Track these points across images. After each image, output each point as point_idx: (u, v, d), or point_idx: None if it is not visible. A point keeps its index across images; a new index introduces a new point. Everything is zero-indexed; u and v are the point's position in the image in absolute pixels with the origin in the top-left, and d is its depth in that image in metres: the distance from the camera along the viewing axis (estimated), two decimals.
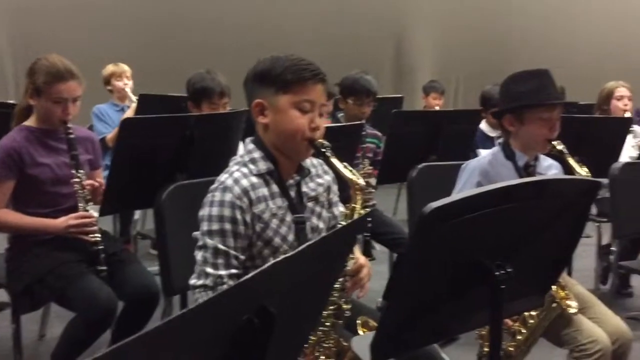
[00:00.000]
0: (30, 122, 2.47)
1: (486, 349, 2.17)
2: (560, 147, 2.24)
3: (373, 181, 3.33)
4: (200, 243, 1.66)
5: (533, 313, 2.09)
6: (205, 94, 2.97)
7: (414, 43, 8.28)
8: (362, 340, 1.36)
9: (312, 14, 7.56)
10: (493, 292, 1.27)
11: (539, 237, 1.37)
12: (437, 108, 5.85)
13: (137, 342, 0.61)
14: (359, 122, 3.24)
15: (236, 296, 0.71)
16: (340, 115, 3.53)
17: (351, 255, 1.68)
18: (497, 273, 1.26)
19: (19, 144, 2.38)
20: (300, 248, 0.80)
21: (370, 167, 3.38)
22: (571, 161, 2.22)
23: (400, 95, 6.17)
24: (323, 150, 1.67)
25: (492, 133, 3.84)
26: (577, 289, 2.25)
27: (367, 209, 3.08)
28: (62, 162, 2.42)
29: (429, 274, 1.24)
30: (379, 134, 3.54)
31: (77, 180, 2.37)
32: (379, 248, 3.68)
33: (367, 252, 3.27)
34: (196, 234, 1.68)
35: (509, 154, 2.28)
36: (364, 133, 3.32)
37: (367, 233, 3.25)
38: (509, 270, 1.27)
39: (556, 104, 2.22)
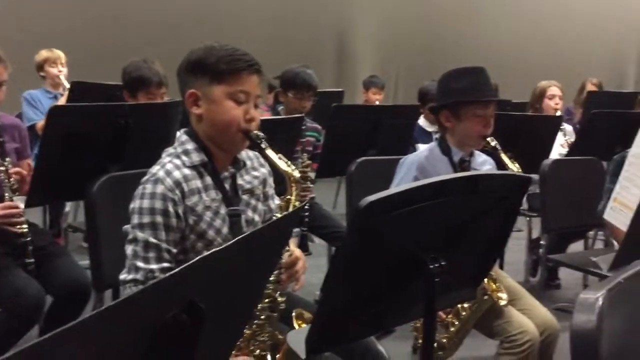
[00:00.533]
0: None
1: (421, 341, 2.21)
2: (494, 143, 2.30)
3: (312, 175, 3.33)
4: (130, 237, 1.62)
5: (465, 305, 2.15)
6: (142, 84, 2.89)
7: (356, 37, 8.34)
8: (298, 335, 1.35)
9: (253, 6, 7.48)
10: (427, 285, 1.29)
11: (471, 231, 1.39)
12: (377, 103, 5.91)
13: (57, 338, 0.59)
14: (298, 115, 3.23)
15: (163, 290, 0.69)
16: (280, 108, 3.51)
17: (286, 248, 1.67)
18: (431, 266, 1.28)
19: None
20: (231, 242, 0.78)
21: (310, 161, 3.37)
22: (504, 157, 2.29)
23: (340, 89, 6.21)
24: (258, 141, 1.66)
25: (430, 128, 3.91)
26: (507, 281, 2.32)
27: (303, 202, 3.11)
28: None
29: (364, 267, 1.24)
30: (319, 127, 3.54)
31: (2, 169, 2.26)
32: (317, 241, 3.69)
33: (304, 246, 3.27)
34: (126, 227, 1.64)
35: (445, 150, 2.33)
36: (303, 127, 3.31)
37: (305, 227, 3.25)
38: (442, 263, 1.29)
39: (491, 101, 2.28)
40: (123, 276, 1.62)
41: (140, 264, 1.60)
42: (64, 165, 2.35)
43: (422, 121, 3.94)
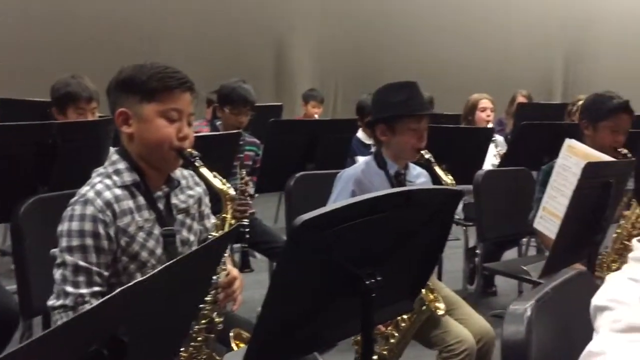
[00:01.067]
0: None
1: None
2: (427, 156, 2.35)
3: (252, 190, 3.31)
4: (59, 260, 1.56)
5: (405, 316, 2.17)
6: (71, 99, 2.81)
7: (294, 51, 8.37)
8: (234, 357, 1.33)
9: (189, 20, 7.40)
10: (364, 301, 1.30)
11: (406, 245, 1.41)
12: (316, 116, 5.94)
13: None
14: (236, 130, 3.21)
15: (82, 326, 0.66)
16: (218, 123, 3.48)
17: (223, 267, 1.65)
18: (367, 282, 1.29)
19: None
20: (155, 271, 0.76)
21: (248, 177, 3.35)
22: (438, 169, 2.34)
23: (279, 104, 6.20)
24: (192, 160, 1.64)
25: (369, 141, 3.95)
26: (444, 291, 2.36)
27: (240, 219, 3.07)
28: None
29: (301, 285, 1.24)
30: (258, 141, 3.53)
31: None
32: (259, 257, 3.66)
33: (245, 263, 3.24)
34: (54, 251, 1.58)
35: (381, 163, 2.37)
36: (241, 142, 3.29)
37: (245, 243, 3.22)
38: (378, 278, 1.30)
39: (424, 115, 2.34)
40: (51, 302, 1.56)
41: (69, 288, 1.54)
42: None
43: (360, 134, 3.99)
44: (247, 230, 3.24)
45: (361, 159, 3.55)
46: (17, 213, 1.90)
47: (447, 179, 2.31)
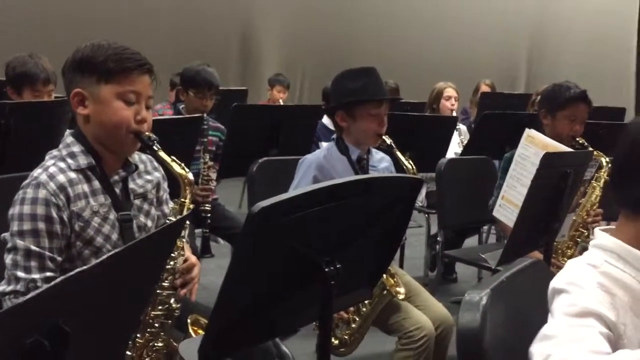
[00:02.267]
0: None
1: None
2: (389, 141, 2.36)
3: (214, 175, 3.27)
4: (9, 245, 1.52)
5: (366, 301, 2.18)
6: (28, 80, 2.73)
7: (261, 35, 8.28)
8: (190, 344, 1.31)
9: (155, 1, 7.25)
10: (323, 289, 1.29)
11: (366, 232, 1.41)
12: (281, 102, 5.90)
13: None
14: (199, 114, 3.16)
15: (21, 315, 0.63)
16: (181, 106, 3.42)
17: (181, 253, 1.63)
18: (327, 269, 1.28)
19: None
20: (98, 260, 0.73)
21: (212, 162, 3.31)
22: (398, 155, 2.35)
23: (244, 88, 6.14)
24: (150, 143, 1.61)
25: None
26: (405, 278, 2.38)
27: (202, 203, 3.03)
28: None
29: (259, 272, 1.22)
30: (222, 127, 3.48)
31: None
32: (222, 242, 3.63)
33: (206, 248, 3.21)
34: (5, 235, 1.53)
35: (343, 149, 2.37)
36: (205, 126, 3.25)
37: (207, 229, 3.19)
38: (338, 266, 1.29)
39: (383, 100, 2.34)
40: (2, 288, 1.52)
41: (20, 274, 1.50)
42: None
43: (326, 120, 3.97)
44: (209, 215, 3.20)
45: (326, 145, 3.55)
46: None
47: (409, 164, 2.32)
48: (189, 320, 1.60)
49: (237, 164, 3.14)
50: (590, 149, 2.57)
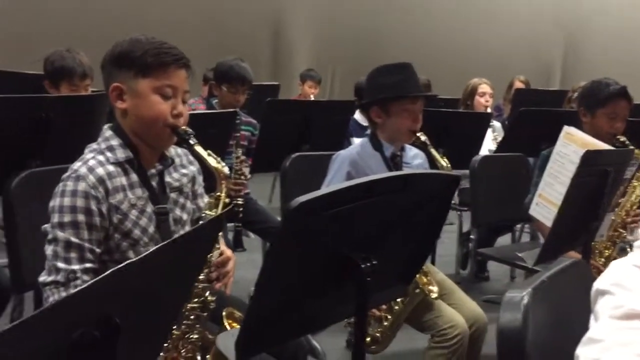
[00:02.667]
0: None
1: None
2: (423, 138, 2.33)
3: (247, 170, 3.28)
4: (50, 236, 1.54)
5: (398, 299, 2.17)
6: (65, 74, 2.77)
7: (293, 30, 8.29)
8: (227, 337, 1.32)
9: None
10: (359, 285, 1.29)
11: (402, 229, 1.40)
12: (312, 97, 5.90)
13: None
14: (232, 109, 3.17)
15: (73, 306, 0.64)
16: (214, 101, 3.44)
17: (217, 246, 1.64)
18: (363, 266, 1.27)
19: None
20: (146, 253, 0.74)
21: (244, 156, 3.33)
22: (433, 152, 2.33)
23: (276, 83, 6.15)
24: (186, 137, 1.62)
25: (366, 123, 3.93)
26: (438, 276, 2.36)
27: (235, 198, 3.05)
28: None
29: (296, 268, 1.22)
30: (254, 121, 3.49)
31: None
32: (252, 236, 3.65)
33: (239, 242, 3.23)
34: (46, 226, 1.56)
35: (377, 145, 2.35)
36: (238, 121, 3.26)
37: (239, 223, 3.21)
38: (374, 262, 1.28)
39: (419, 97, 2.31)
40: (43, 278, 1.55)
41: (61, 264, 1.53)
42: None
43: (357, 116, 3.96)
44: (241, 209, 3.22)
45: (357, 141, 3.54)
46: (8, 187, 1.87)
47: (443, 162, 2.30)
48: (224, 314, 1.61)
49: (269, 158, 3.14)
50: (632, 147, 2.51)
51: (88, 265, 1.55)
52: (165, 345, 1.56)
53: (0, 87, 3.43)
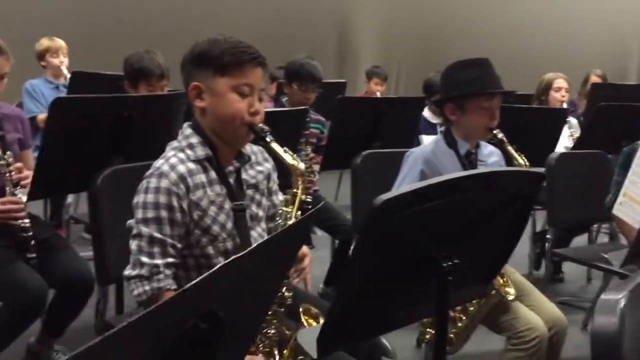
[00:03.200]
0: None
1: (427, 336, 2.20)
2: (500, 135, 2.27)
3: (316, 167, 3.30)
4: (134, 232, 1.60)
5: (473, 300, 2.12)
6: (144, 75, 2.86)
7: (358, 27, 8.29)
8: (308, 333, 1.33)
9: None
10: (440, 283, 1.27)
11: (485, 228, 1.37)
12: (378, 94, 5.87)
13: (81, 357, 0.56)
14: (303, 107, 3.19)
15: (184, 301, 0.66)
16: (284, 99, 3.48)
17: None
18: (444, 264, 1.26)
19: None
20: (250, 248, 0.76)
21: (313, 154, 3.34)
22: (511, 150, 2.26)
23: (343, 80, 6.16)
24: (263, 135, 1.64)
25: (435, 120, 3.88)
26: (515, 276, 2.30)
27: (309, 196, 3.07)
28: None
29: (377, 266, 1.22)
30: (323, 119, 3.51)
31: (3, 162, 2.23)
32: (320, 234, 3.67)
33: (307, 240, 3.25)
34: (130, 222, 1.61)
35: (451, 143, 2.30)
36: (307, 119, 3.28)
37: None
38: (455, 261, 1.26)
39: (496, 93, 2.25)
40: (128, 272, 1.60)
41: (145, 259, 1.58)
42: (66, 158, 2.32)
43: (426, 113, 3.91)
44: (310, 207, 3.24)
45: (426, 138, 3.49)
46: (94, 183, 1.94)
47: (521, 160, 2.23)
48: (300, 310, 1.62)
49: (339, 156, 3.14)
50: None
51: (170, 260, 1.59)
52: None
53: (83, 87, 3.59)
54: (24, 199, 2.23)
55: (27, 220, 2.23)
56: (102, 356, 0.59)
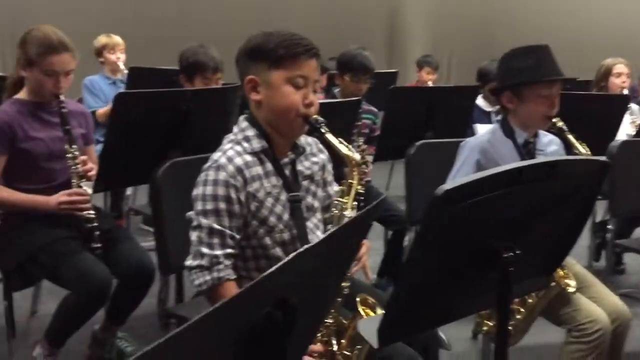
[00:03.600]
0: (22, 94, 2.40)
1: (484, 328, 2.18)
2: (560, 124, 2.21)
3: (370, 158, 3.29)
4: (194, 223, 1.64)
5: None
6: (199, 68, 2.92)
7: (408, 17, 8.19)
8: (368, 324, 1.34)
9: None
10: (501, 274, 1.25)
11: (547, 219, 1.35)
12: (429, 83, 5.80)
13: (161, 348, 0.59)
14: (356, 98, 3.19)
15: (260, 290, 0.68)
16: (336, 90, 3.48)
17: None
18: (506, 255, 1.24)
19: (12, 117, 2.31)
20: (320, 239, 0.77)
21: (365, 145, 3.34)
22: (571, 138, 2.20)
23: (394, 70, 6.11)
24: (318, 126, 1.65)
25: (489, 108, 3.81)
26: (576, 268, 2.24)
27: (362, 187, 3.07)
28: (55, 137, 2.36)
29: (438, 256, 1.21)
30: (375, 110, 3.49)
31: (70, 155, 2.32)
32: (372, 224, 3.65)
33: None
34: (190, 214, 1.65)
35: (508, 132, 2.26)
36: (360, 109, 3.27)
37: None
38: (517, 252, 1.25)
39: (556, 81, 2.19)
40: (188, 262, 1.64)
41: (205, 250, 1.61)
42: (128, 151, 2.40)
43: (480, 101, 3.84)
44: (362, 198, 3.23)
45: (480, 127, 3.43)
46: (155, 176, 2.00)
47: (582, 148, 2.17)
48: (358, 299, 1.63)
49: (393, 146, 3.13)
50: None
51: (229, 250, 1.63)
52: None
53: (140, 82, 3.69)
54: (90, 191, 2.32)
55: (92, 212, 2.32)
56: (186, 341, 0.62)
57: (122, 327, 2.57)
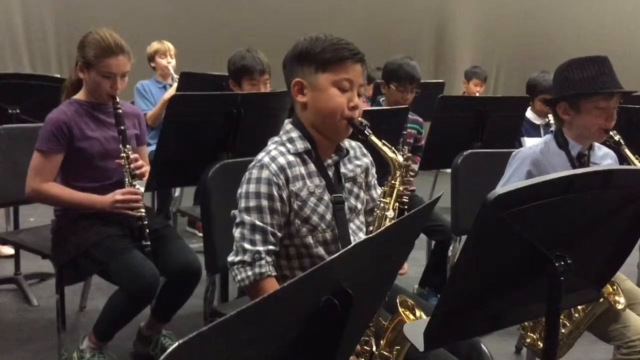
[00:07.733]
0: (79, 95, 2.49)
1: (528, 340, 2.14)
2: (617, 137, 2.16)
3: (415, 167, 3.28)
4: (237, 220, 1.67)
5: (579, 307, 2.04)
6: (246, 72, 2.99)
7: (456, 28, 8.14)
8: (415, 327, 1.33)
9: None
10: (552, 283, 1.23)
11: (600, 229, 1.32)
12: (477, 94, 5.75)
13: (219, 327, 0.61)
14: (403, 106, 3.18)
15: (318, 277, 0.70)
16: (382, 99, 3.48)
17: None
18: (557, 264, 1.22)
19: (69, 117, 2.40)
20: (376, 232, 0.78)
21: (410, 154, 3.33)
22: (627, 152, 2.15)
23: (441, 81, 6.08)
24: (362, 128, 1.67)
25: (538, 121, 3.76)
26: (626, 284, 2.19)
27: (406, 190, 3.06)
28: (110, 137, 2.44)
29: (488, 261, 1.20)
30: (420, 119, 3.48)
31: (124, 155, 2.39)
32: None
33: None
34: (234, 211, 1.69)
35: (562, 143, 2.22)
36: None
37: None
38: (569, 261, 1.23)
39: (615, 93, 2.14)
40: (231, 258, 1.68)
41: (247, 245, 1.64)
42: (180, 152, 2.45)
43: (529, 114, 3.79)
44: (406, 207, 3.22)
45: (528, 141, 3.38)
46: (205, 177, 2.04)
47: (639, 163, 2.11)
48: (397, 301, 1.62)
49: (439, 156, 3.11)
50: None
51: (271, 247, 1.66)
52: None
53: (190, 87, 3.77)
54: (142, 189, 2.39)
55: (143, 210, 2.38)
56: (248, 321, 0.63)
57: (167, 325, 2.62)
